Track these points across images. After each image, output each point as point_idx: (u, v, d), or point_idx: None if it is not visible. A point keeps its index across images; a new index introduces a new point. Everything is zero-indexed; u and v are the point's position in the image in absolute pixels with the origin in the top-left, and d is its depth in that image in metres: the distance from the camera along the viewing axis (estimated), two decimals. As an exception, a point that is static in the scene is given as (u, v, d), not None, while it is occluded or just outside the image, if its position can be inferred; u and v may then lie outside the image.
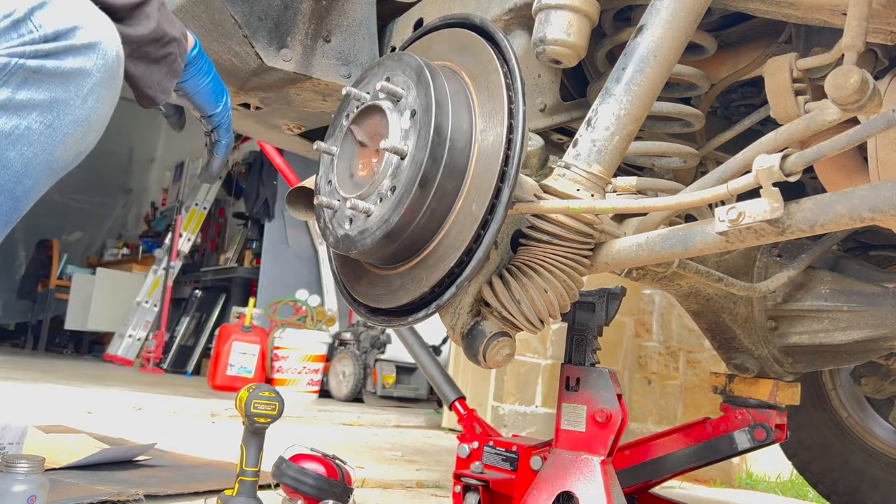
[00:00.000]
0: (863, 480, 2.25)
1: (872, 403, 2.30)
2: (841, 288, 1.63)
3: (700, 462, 1.77)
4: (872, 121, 0.88)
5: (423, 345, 2.35)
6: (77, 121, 0.92)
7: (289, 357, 5.41)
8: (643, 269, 1.38)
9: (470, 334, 1.13)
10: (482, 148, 1.06)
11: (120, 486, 1.67)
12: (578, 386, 1.38)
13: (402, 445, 3.41)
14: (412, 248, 1.10)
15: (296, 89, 1.67)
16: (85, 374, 5.32)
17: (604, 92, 1.14)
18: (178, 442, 2.55)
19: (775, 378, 1.72)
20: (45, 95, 0.89)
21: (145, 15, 1.05)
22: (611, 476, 1.32)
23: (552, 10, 1.23)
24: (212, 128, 1.30)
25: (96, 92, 0.93)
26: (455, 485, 1.75)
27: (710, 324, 1.70)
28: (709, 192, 1.00)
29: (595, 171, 1.12)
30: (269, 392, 1.51)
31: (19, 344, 9.80)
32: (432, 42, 1.22)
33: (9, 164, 0.89)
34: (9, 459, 1.22)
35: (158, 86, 1.10)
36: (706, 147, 1.59)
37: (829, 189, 1.40)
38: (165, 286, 7.30)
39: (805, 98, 1.22)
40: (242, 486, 1.51)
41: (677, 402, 3.65)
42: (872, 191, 0.89)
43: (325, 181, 1.21)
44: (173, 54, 1.11)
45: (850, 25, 0.96)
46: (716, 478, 3.35)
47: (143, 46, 1.05)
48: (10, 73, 0.86)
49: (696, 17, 1.13)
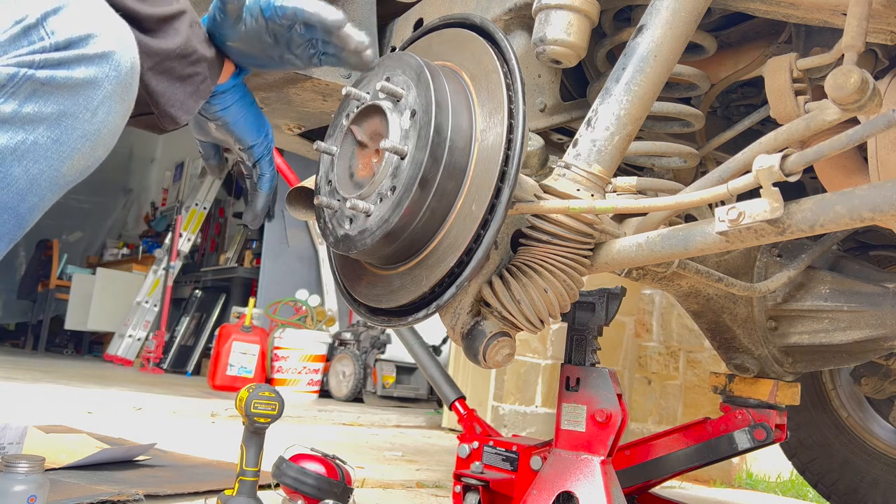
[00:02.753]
0: (863, 480, 2.25)
1: (872, 403, 2.30)
2: (841, 288, 1.63)
3: (700, 462, 1.77)
4: (872, 121, 0.88)
5: (423, 345, 2.35)
6: (86, 135, 0.87)
7: (289, 357, 5.41)
8: (643, 269, 1.38)
9: (470, 334, 1.13)
10: (482, 148, 1.06)
11: (120, 486, 1.67)
12: (578, 386, 1.38)
13: (403, 445, 3.41)
14: (412, 248, 1.10)
15: (296, 89, 1.67)
16: (85, 374, 5.32)
17: (604, 92, 1.14)
18: (178, 442, 2.55)
19: (775, 378, 1.72)
20: (54, 108, 0.84)
21: (174, 29, 0.99)
22: (611, 476, 1.32)
23: (552, 10, 1.23)
24: (254, 161, 1.20)
25: (107, 105, 0.87)
26: (455, 485, 1.75)
27: (710, 324, 1.70)
28: (709, 192, 1.00)
29: (595, 171, 1.12)
30: (269, 392, 1.51)
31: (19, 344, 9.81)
32: (432, 42, 1.22)
33: (13, 181, 0.84)
34: (9, 459, 1.22)
35: (182, 105, 1.02)
36: (706, 147, 1.59)
37: (829, 189, 1.40)
38: (165, 286, 7.30)
39: (805, 98, 1.22)
40: (242, 486, 1.51)
41: (677, 402, 3.65)
42: (872, 191, 0.89)
43: (325, 181, 1.21)
44: (201, 74, 1.04)
45: (850, 25, 0.96)
46: (716, 478, 3.35)
47: (166, 61, 0.98)
48: (17, 85, 0.81)
49: (696, 17, 1.13)
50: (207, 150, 1.26)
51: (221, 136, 1.20)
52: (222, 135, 1.19)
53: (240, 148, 1.20)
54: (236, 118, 1.15)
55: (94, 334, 9.24)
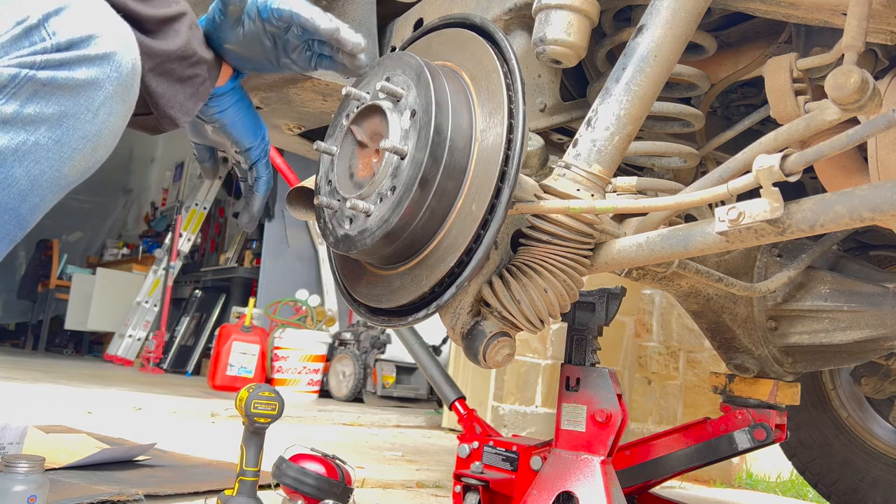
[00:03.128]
0: (863, 480, 2.25)
1: (872, 403, 2.30)
2: (841, 288, 1.63)
3: (700, 462, 1.77)
4: (872, 121, 0.88)
5: (423, 345, 2.35)
6: (87, 136, 0.87)
7: (289, 357, 5.41)
8: (643, 269, 1.38)
9: (470, 334, 1.13)
10: (482, 148, 1.06)
11: (120, 486, 1.67)
12: (578, 386, 1.38)
13: (403, 445, 3.41)
14: (412, 248, 1.10)
15: (296, 89, 1.67)
16: (85, 374, 5.32)
17: (604, 92, 1.14)
18: (178, 442, 2.55)
19: (775, 378, 1.72)
20: (55, 109, 0.84)
21: (174, 31, 0.99)
22: (611, 476, 1.32)
23: (552, 10, 1.23)
24: (250, 164, 1.20)
25: (108, 105, 0.88)
26: (455, 485, 1.75)
27: (710, 324, 1.70)
28: (709, 192, 1.00)
29: (595, 171, 1.12)
30: (269, 392, 1.51)
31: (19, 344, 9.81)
32: (432, 42, 1.22)
33: (14, 181, 0.84)
34: (9, 459, 1.22)
35: (181, 106, 1.03)
36: (706, 147, 1.59)
37: (829, 189, 1.40)
38: (165, 286, 7.30)
39: (805, 98, 1.22)
40: (242, 486, 1.51)
41: (677, 402, 3.65)
42: (872, 191, 0.89)
43: (325, 181, 1.21)
44: (200, 76, 1.04)
45: (850, 25, 0.96)
46: (716, 478, 3.35)
47: (167, 63, 0.99)
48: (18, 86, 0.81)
49: (696, 17, 1.13)
50: (202, 152, 1.26)
51: (218, 138, 1.20)
52: (219, 137, 1.20)
53: (236, 151, 1.20)
54: (233, 121, 1.16)
55: (94, 334, 9.24)
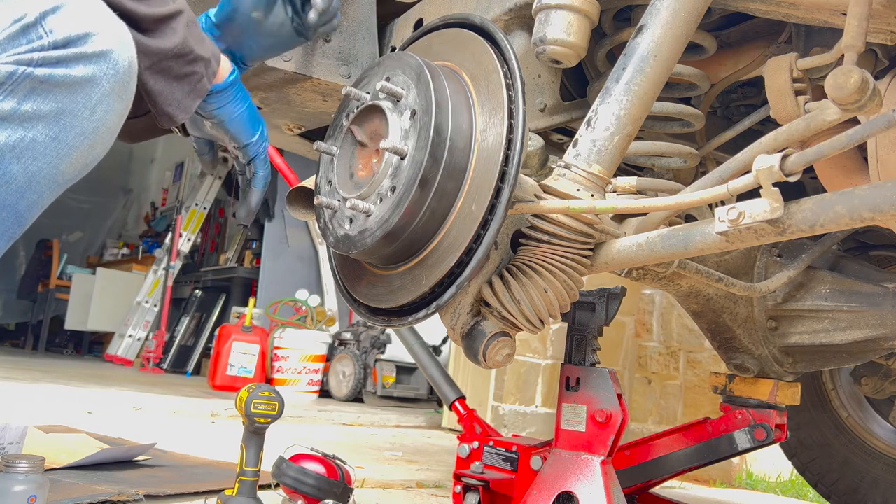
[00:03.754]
0: (863, 480, 2.25)
1: (872, 403, 2.30)
2: (841, 288, 1.63)
3: (700, 462, 1.77)
4: (872, 121, 0.88)
5: (423, 345, 2.35)
6: (84, 133, 0.88)
7: (289, 357, 5.41)
8: (643, 269, 1.38)
9: (470, 334, 1.13)
10: (482, 148, 1.06)
11: (120, 486, 1.67)
12: (578, 386, 1.38)
13: (403, 445, 3.41)
14: (412, 248, 1.10)
15: (296, 89, 1.67)
16: (85, 374, 5.32)
17: (604, 92, 1.14)
18: (178, 442, 2.55)
19: (775, 378, 1.72)
20: (52, 106, 0.85)
21: (171, 29, 0.99)
22: (611, 476, 1.32)
23: (552, 10, 1.23)
24: (248, 160, 1.22)
25: (105, 103, 0.88)
26: (455, 485, 1.75)
27: (710, 324, 1.70)
28: (709, 192, 1.00)
29: (595, 171, 1.12)
30: (269, 392, 1.51)
31: (19, 344, 9.80)
32: (432, 42, 1.22)
33: (12, 178, 0.85)
34: (9, 459, 1.22)
35: (179, 104, 1.04)
36: (706, 147, 1.59)
37: (829, 189, 1.40)
38: (165, 286, 7.30)
39: (805, 98, 1.22)
40: (242, 486, 1.51)
41: (677, 402, 3.65)
42: (872, 191, 0.89)
43: (325, 181, 1.21)
44: (198, 74, 1.05)
45: (850, 25, 0.96)
46: (716, 478, 3.35)
47: (164, 61, 1.00)
48: (16, 83, 0.82)
49: (696, 17, 1.13)
50: (201, 145, 1.29)
51: (216, 133, 1.22)
52: (217, 132, 1.21)
53: (234, 146, 1.21)
54: (231, 117, 1.17)
55: (94, 334, 9.23)
